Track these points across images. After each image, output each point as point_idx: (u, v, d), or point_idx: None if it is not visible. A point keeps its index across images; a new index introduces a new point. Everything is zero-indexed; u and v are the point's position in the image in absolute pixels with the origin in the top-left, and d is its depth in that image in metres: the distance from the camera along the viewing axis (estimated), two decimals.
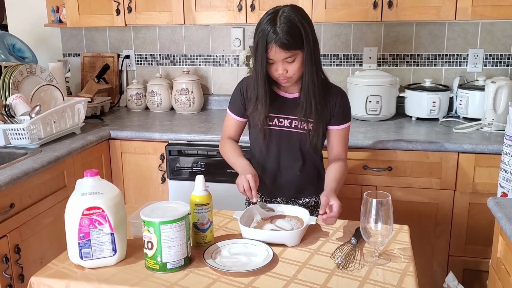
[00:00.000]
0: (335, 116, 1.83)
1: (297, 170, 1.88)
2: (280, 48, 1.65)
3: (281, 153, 1.86)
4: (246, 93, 1.86)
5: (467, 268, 2.41)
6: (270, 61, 1.70)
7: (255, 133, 1.89)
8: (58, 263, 1.47)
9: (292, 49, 1.66)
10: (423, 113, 2.69)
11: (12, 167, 2.03)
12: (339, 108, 1.82)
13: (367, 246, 1.53)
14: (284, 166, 1.88)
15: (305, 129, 1.81)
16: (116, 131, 2.65)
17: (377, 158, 2.36)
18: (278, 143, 1.85)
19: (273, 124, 1.84)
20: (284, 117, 1.83)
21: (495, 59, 2.80)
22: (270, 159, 1.88)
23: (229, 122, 1.94)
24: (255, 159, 1.93)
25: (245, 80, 1.91)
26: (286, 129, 1.83)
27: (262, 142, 1.86)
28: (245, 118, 1.91)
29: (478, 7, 2.42)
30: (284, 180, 1.90)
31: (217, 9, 2.71)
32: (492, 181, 2.25)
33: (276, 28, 1.64)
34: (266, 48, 1.67)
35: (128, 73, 3.29)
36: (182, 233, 1.39)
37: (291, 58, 1.68)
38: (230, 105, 1.93)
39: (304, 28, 1.67)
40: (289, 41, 1.64)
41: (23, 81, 2.50)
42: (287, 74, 1.71)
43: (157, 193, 2.65)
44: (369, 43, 2.91)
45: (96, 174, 1.42)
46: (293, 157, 1.86)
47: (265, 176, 1.89)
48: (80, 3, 2.87)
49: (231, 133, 1.94)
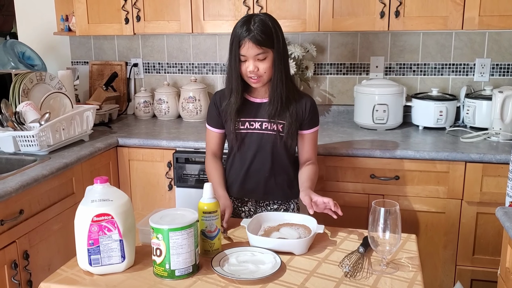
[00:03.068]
0: (305, 120, 1.93)
1: (266, 172, 1.96)
2: (253, 43, 1.77)
3: (253, 156, 1.95)
4: (220, 105, 1.96)
5: (475, 278, 2.39)
6: (242, 58, 1.81)
7: (230, 139, 1.99)
8: (67, 269, 1.48)
9: (264, 46, 1.78)
10: (430, 122, 2.69)
11: (22, 174, 2.04)
12: (309, 112, 1.92)
13: (374, 255, 1.53)
14: (254, 168, 1.96)
15: (275, 130, 1.90)
16: (124, 138, 2.66)
17: (384, 167, 2.36)
18: (249, 145, 1.95)
19: (244, 128, 1.93)
20: (254, 120, 1.92)
21: (502, 69, 2.80)
22: (241, 162, 1.98)
23: (210, 136, 2.04)
24: (229, 163, 2.03)
25: (218, 93, 2.01)
26: (257, 131, 1.93)
27: (235, 146, 1.97)
28: (223, 129, 2.00)
29: (485, 17, 2.42)
30: (253, 181, 1.98)
31: (224, 18, 2.73)
32: (500, 190, 2.24)
33: (250, 26, 1.78)
34: (239, 45, 1.79)
35: (136, 81, 3.32)
36: (190, 241, 1.40)
37: (263, 55, 1.79)
38: (207, 120, 2.04)
39: (276, 30, 1.82)
40: (262, 38, 1.77)
41: (32, 88, 2.52)
42: (258, 72, 1.81)
43: (164, 200, 2.66)
44: (376, 52, 2.92)
45: (106, 181, 1.43)
46: (263, 159, 1.95)
47: (236, 177, 2.00)
48: (89, 11, 2.90)
49: (214, 146, 2.03)
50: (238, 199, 2.04)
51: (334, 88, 3.02)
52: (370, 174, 2.38)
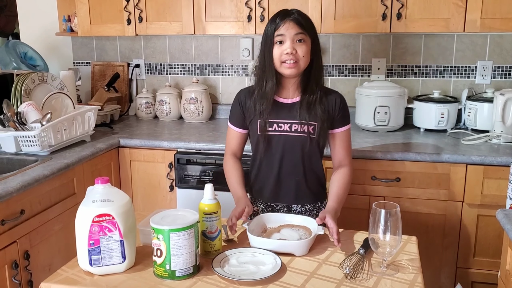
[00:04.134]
0: (336, 118, 1.85)
1: (298, 176, 1.87)
2: (294, 23, 1.73)
3: (281, 159, 1.86)
4: (244, 104, 1.89)
5: (475, 280, 2.39)
6: (280, 38, 1.74)
7: (255, 141, 1.90)
8: (67, 269, 1.48)
9: (304, 29, 1.73)
10: (432, 124, 2.69)
11: (23, 174, 2.05)
12: (339, 110, 1.85)
13: (375, 256, 1.53)
14: (284, 172, 1.87)
15: (306, 132, 1.81)
16: (126, 139, 2.67)
17: (385, 169, 2.36)
18: (278, 148, 1.85)
19: (272, 130, 1.84)
20: (283, 122, 1.83)
21: (504, 71, 2.80)
22: (270, 165, 1.88)
23: (231, 135, 1.96)
24: (256, 166, 1.93)
25: (242, 91, 1.94)
26: (286, 133, 1.83)
27: (262, 149, 1.87)
28: (246, 129, 1.92)
29: (487, 19, 2.42)
30: (284, 186, 1.89)
31: (226, 20, 2.73)
32: (501, 193, 2.24)
33: (290, 12, 1.76)
34: (276, 27, 1.73)
35: (138, 82, 3.32)
36: (191, 241, 1.40)
37: (302, 35, 1.74)
38: (230, 118, 1.95)
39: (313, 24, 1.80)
40: (303, 20, 1.74)
41: (34, 89, 2.53)
42: (296, 55, 1.74)
43: (165, 201, 2.67)
44: (377, 54, 2.92)
45: (107, 181, 1.43)
46: (293, 163, 1.86)
47: (265, 182, 1.91)
48: (91, 12, 2.91)
49: (234, 146, 1.95)
50: (268, 204, 1.94)
51: (336, 89, 3.01)
52: (371, 176, 2.38)
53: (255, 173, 1.94)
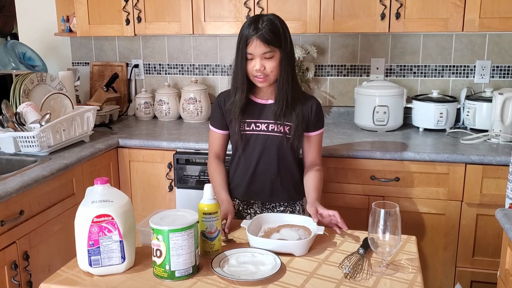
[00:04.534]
0: (311, 122, 1.92)
1: (272, 174, 1.94)
2: (261, 41, 1.76)
3: (258, 158, 1.94)
4: (224, 105, 1.95)
5: (475, 279, 2.39)
6: (249, 56, 1.80)
7: (234, 140, 1.97)
8: (67, 270, 1.48)
9: (271, 45, 1.77)
10: (430, 124, 2.69)
11: (22, 175, 2.05)
12: (315, 114, 1.91)
13: (374, 256, 1.53)
14: (260, 170, 1.95)
15: (282, 131, 1.89)
16: (125, 139, 2.67)
17: (385, 168, 2.36)
18: (255, 147, 1.93)
19: (250, 129, 1.92)
20: (260, 122, 1.91)
21: (502, 71, 2.80)
22: (246, 164, 1.96)
23: (213, 137, 2.02)
24: (234, 164, 2.01)
25: (222, 94, 2.01)
26: (263, 133, 1.91)
27: (240, 147, 1.95)
28: (226, 130, 1.99)
29: (486, 19, 2.43)
30: (259, 183, 1.96)
31: (225, 20, 2.73)
32: (500, 192, 2.24)
33: (258, 25, 1.78)
34: (247, 43, 1.78)
35: (137, 82, 3.32)
36: (190, 242, 1.40)
37: (270, 54, 1.79)
38: (211, 121, 2.03)
39: (283, 31, 1.82)
40: (270, 37, 1.77)
41: (33, 89, 2.53)
42: (264, 71, 1.80)
43: (165, 202, 2.67)
44: (376, 54, 2.92)
45: (106, 182, 1.43)
46: (269, 161, 1.93)
47: (241, 180, 1.98)
48: (90, 12, 2.90)
49: (217, 148, 2.02)
50: (244, 201, 2.02)
51: (335, 89, 3.02)
52: (371, 176, 2.38)
53: (233, 171, 2.01)
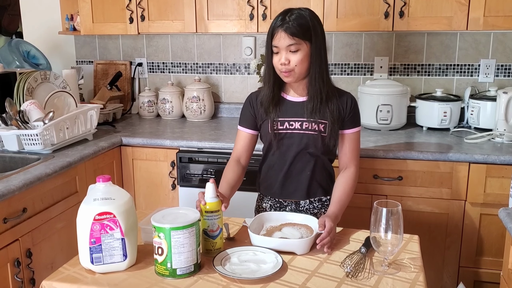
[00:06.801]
0: (346, 119, 1.84)
1: (308, 172, 1.87)
2: (285, 33, 1.71)
3: (292, 157, 1.86)
4: (255, 103, 1.90)
5: (478, 279, 2.38)
6: (275, 49, 1.75)
7: (267, 140, 1.90)
8: (69, 267, 1.48)
9: (297, 37, 1.71)
10: (434, 123, 2.68)
11: (25, 172, 2.05)
12: (350, 111, 1.84)
13: (376, 255, 1.53)
14: (295, 169, 1.88)
15: (316, 130, 1.82)
16: (128, 137, 2.67)
17: (388, 167, 2.35)
18: (289, 146, 1.86)
19: (283, 128, 1.85)
20: (294, 120, 1.84)
21: (507, 70, 2.79)
22: (280, 163, 1.89)
23: (239, 137, 1.94)
24: (266, 164, 1.94)
25: (253, 93, 1.95)
26: (297, 131, 1.84)
27: (273, 147, 1.88)
28: (256, 130, 1.92)
29: (490, 17, 2.41)
30: (294, 182, 1.89)
31: (229, 18, 2.73)
32: (504, 192, 2.23)
33: (286, 17, 1.72)
34: (272, 35, 1.74)
35: (140, 81, 3.32)
36: (192, 240, 1.40)
37: (295, 46, 1.72)
38: (240, 121, 1.95)
39: (313, 23, 1.74)
40: (295, 28, 1.70)
41: (37, 87, 2.53)
42: (289, 65, 1.73)
43: (167, 200, 2.67)
44: (380, 53, 2.92)
45: (108, 179, 1.43)
46: (304, 159, 1.86)
47: (276, 179, 1.90)
48: (94, 11, 2.91)
49: (240, 150, 1.93)
50: (277, 202, 1.94)
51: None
52: (373, 175, 2.37)
53: (265, 171, 1.94)
